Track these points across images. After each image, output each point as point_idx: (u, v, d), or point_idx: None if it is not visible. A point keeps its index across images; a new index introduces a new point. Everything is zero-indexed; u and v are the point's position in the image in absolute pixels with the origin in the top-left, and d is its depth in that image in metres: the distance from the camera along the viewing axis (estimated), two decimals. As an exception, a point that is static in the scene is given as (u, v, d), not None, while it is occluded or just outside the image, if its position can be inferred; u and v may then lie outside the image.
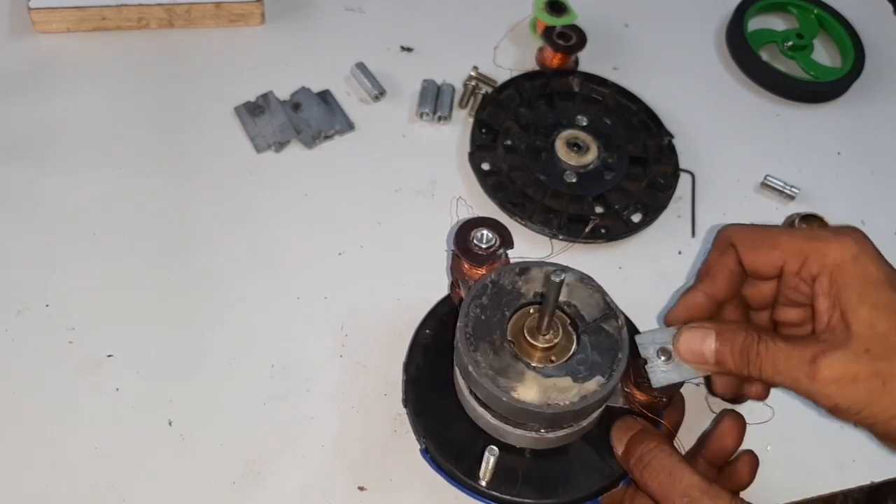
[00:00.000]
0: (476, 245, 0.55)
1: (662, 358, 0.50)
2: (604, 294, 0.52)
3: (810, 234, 0.50)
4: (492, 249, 0.55)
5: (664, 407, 0.54)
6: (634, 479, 0.51)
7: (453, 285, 0.59)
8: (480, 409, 0.53)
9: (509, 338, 0.50)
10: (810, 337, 0.48)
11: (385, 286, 0.65)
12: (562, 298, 0.52)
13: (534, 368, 0.49)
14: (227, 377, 0.60)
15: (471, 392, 0.52)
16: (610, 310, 0.52)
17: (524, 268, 0.53)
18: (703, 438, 0.56)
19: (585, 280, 0.53)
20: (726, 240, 0.53)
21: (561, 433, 0.52)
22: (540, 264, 0.53)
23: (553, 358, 0.50)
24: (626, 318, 0.54)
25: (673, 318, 0.54)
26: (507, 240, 0.55)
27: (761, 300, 0.55)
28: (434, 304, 0.62)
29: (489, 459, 0.52)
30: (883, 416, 0.45)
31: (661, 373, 0.50)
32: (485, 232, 0.55)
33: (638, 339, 0.51)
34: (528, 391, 0.48)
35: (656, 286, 0.68)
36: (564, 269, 0.52)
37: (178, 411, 0.58)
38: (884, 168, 0.79)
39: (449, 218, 0.69)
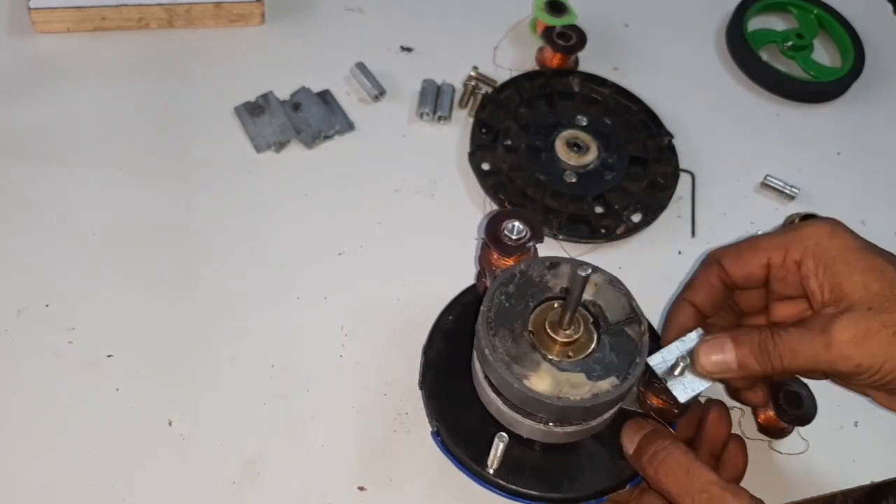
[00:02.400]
0: (507, 236, 0.56)
1: (677, 373, 0.51)
2: (630, 298, 0.53)
3: (786, 229, 0.54)
4: (521, 241, 0.55)
5: (676, 417, 0.54)
6: (647, 476, 0.51)
7: (480, 275, 0.59)
8: (493, 396, 0.53)
9: (530, 329, 0.51)
10: (814, 315, 0.50)
11: (385, 286, 0.65)
12: (588, 297, 0.52)
13: (550, 361, 0.50)
14: (227, 377, 0.60)
15: (485, 378, 0.53)
16: (634, 314, 0.52)
17: (554, 262, 0.53)
18: (697, 428, 0.57)
19: (614, 282, 0.53)
20: (711, 258, 0.57)
21: (571, 429, 0.52)
22: (570, 261, 0.53)
23: (570, 353, 0.50)
24: (650, 325, 0.54)
25: (669, 331, 0.56)
26: (537, 233, 0.56)
27: (755, 305, 0.57)
28: (459, 292, 0.62)
29: (498, 446, 0.52)
30: None
31: (681, 389, 0.51)
32: (516, 223, 0.56)
33: (649, 360, 0.51)
34: (541, 381, 0.49)
35: (656, 286, 0.67)
36: (595, 268, 0.53)
37: (178, 411, 0.58)
38: (884, 168, 0.79)
39: (449, 217, 0.70)
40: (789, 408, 0.58)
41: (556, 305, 0.52)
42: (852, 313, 0.47)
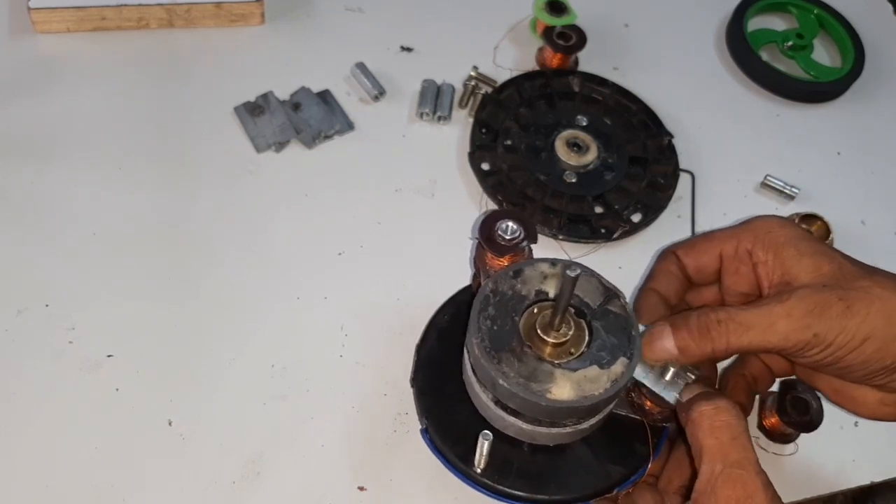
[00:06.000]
0: (500, 236, 0.55)
1: (668, 377, 0.51)
2: (599, 277, 0.53)
3: (739, 224, 0.55)
4: (515, 241, 0.55)
5: (671, 419, 0.54)
6: (690, 427, 0.48)
7: (475, 276, 0.59)
8: (484, 398, 0.53)
9: (527, 342, 0.50)
10: (765, 295, 0.51)
11: (385, 286, 0.65)
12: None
13: (560, 366, 0.49)
14: (227, 377, 0.60)
15: (480, 385, 0.52)
16: (610, 291, 0.52)
17: (517, 270, 0.53)
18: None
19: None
20: (667, 251, 0.58)
21: (563, 430, 0.52)
22: (530, 263, 0.53)
23: (572, 350, 0.50)
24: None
25: (640, 318, 0.55)
26: (531, 233, 0.56)
27: (708, 303, 0.58)
28: (455, 291, 0.62)
29: (483, 444, 0.52)
30: (854, 341, 0.47)
31: (672, 392, 0.51)
32: (510, 224, 0.56)
33: (634, 374, 0.51)
34: (562, 389, 0.48)
35: (656, 286, 0.68)
36: (555, 261, 0.53)
37: (178, 411, 0.58)
38: (884, 168, 0.79)
39: (449, 217, 0.70)
40: (795, 414, 0.57)
41: (535, 311, 0.51)
42: (810, 288, 0.48)
